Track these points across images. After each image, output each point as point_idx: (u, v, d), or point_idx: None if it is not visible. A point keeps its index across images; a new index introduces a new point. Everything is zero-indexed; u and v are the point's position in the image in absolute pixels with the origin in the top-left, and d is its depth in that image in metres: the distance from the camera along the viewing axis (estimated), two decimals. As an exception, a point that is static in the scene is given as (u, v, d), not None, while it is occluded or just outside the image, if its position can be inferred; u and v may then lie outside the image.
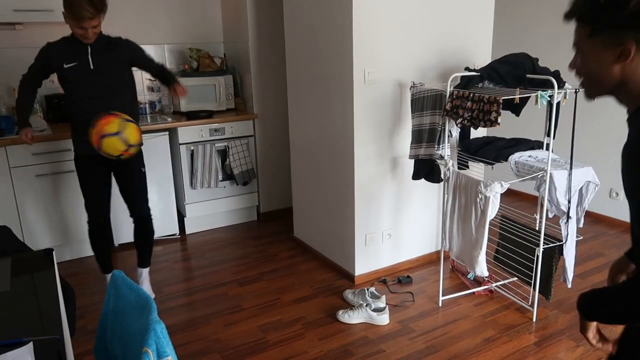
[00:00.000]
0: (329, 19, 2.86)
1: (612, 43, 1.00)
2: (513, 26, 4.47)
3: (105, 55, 2.60)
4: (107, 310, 1.48)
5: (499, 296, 2.89)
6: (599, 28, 1.01)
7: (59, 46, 2.58)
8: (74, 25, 2.45)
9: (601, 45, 1.02)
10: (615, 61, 1.01)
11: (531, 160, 2.52)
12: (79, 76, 2.57)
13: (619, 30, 0.99)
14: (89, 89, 2.59)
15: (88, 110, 2.57)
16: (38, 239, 3.25)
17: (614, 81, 1.04)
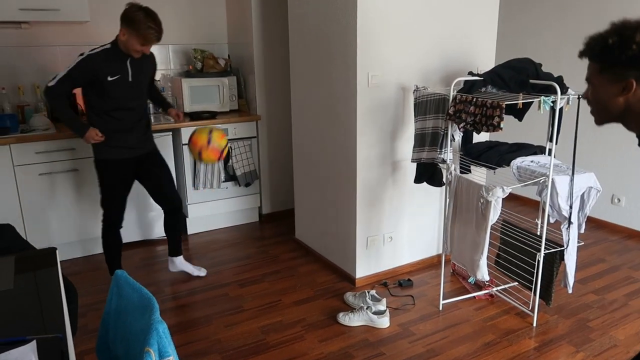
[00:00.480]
0: (334, 22, 2.87)
1: (617, 79, 1.21)
2: (517, 31, 4.48)
3: (140, 67, 2.75)
4: (109, 310, 1.49)
5: (499, 301, 2.89)
6: (607, 66, 1.22)
7: (101, 59, 2.61)
8: (137, 43, 2.58)
9: (608, 80, 1.22)
10: (620, 94, 1.22)
11: (533, 166, 2.52)
12: (120, 88, 2.67)
13: (622, 68, 1.19)
14: (127, 100, 2.73)
15: (124, 119, 2.74)
16: (40, 237, 3.26)
17: (619, 110, 1.25)
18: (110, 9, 3.77)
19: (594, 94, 1.28)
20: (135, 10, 2.57)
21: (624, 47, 1.17)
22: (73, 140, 3.24)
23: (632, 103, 1.21)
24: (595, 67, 1.25)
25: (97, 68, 2.59)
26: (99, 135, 2.70)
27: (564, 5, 4.06)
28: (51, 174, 3.23)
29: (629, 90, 1.20)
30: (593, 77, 1.27)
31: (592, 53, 1.25)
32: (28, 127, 3.27)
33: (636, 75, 1.18)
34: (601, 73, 1.24)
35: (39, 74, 3.63)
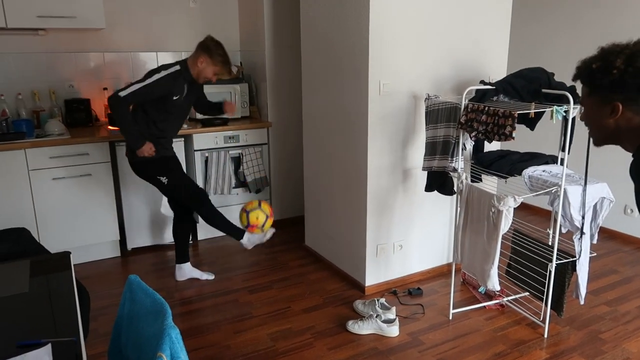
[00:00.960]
0: (346, 30, 2.89)
1: (604, 101, 1.24)
2: (529, 40, 4.47)
3: (193, 91, 3.00)
4: (122, 314, 1.50)
5: (510, 311, 2.87)
6: (593, 89, 1.26)
7: (174, 79, 2.83)
8: (211, 73, 2.89)
9: (597, 103, 1.26)
10: (608, 116, 1.25)
11: (545, 175, 2.51)
12: (177, 108, 2.93)
13: (607, 92, 1.23)
14: (178, 118, 3.01)
15: (171, 130, 3.02)
16: (53, 241, 3.30)
17: (610, 131, 1.28)
18: (125, 16, 3.83)
19: (586, 116, 1.32)
20: (216, 43, 2.89)
21: (606, 72, 1.20)
22: (87, 145, 3.28)
23: (621, 125, 1.24)
24: (585, 90, 1.29)
25: (172, 87, 2.82)
26: (152, 150, 2.90)
27: (576, 14, 4.04)
28: (65, 179, 3.27)
29: (616, 113, 1.22)
30: (584, 100, 1.31)
31: (581, 77, 1.29)
32: (43, 132, 3.32)
33: (621, 99, 1.21)
34: (590, 96, 1.28)
35: (54, 80, 3.69)
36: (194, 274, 3.25)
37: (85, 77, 3.79)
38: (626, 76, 1.18)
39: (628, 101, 1.21)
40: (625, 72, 1.18)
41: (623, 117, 1.23)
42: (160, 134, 2.95)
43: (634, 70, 1.17)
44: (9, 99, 3.51)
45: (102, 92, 3.83)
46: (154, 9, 3.90)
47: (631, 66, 1.17)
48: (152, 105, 2.85)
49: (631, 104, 1.21)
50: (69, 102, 3.65)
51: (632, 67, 1.17)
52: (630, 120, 1.23)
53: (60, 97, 3.70)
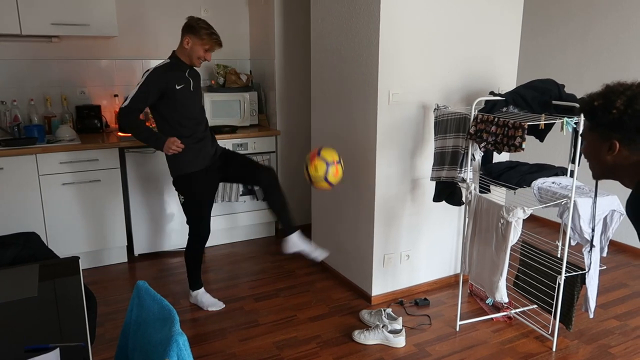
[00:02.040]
0: (356, 40, 2.90)
1: (603, 138, 1.28)
2: (539, 51, 4.47)
3: (196, 79, 2.86)
4: (129, 320, 1.50)
5: (518, 323, 2.84)
6: (594, 126, 1.29)
7: (167, 70, 2.72)
8: (201, 50, 2.72)
9: (597, 139, 1.30)
10: (607, 153, 1.28)
11: (555, 187, 2.49)
12: (187, 97, 2.76)
13: (607, 129, 1.26)
14: (193, 109, 2.81)
15: (195, 128, 2.80)
16: (62, 246, 3.32)
17: (608, 167, 1.31)
18: (138, 24, 3.88)
19: (586, 150, 1.35)
20: (197, 19, 2.74)
21: (606, 110, 1.24)
22: (97, 151, 3.31)
23: (618, 162, 1.28)
24: (587, 125, 1.32)
25: (168, 78, 2.69)
26: (179, 143, 2.70)
27: (586, 25, 4.04)
28: (74, 184, 3.29)
29: (613, 151, 1.26)
30: (585, 133, 1.34)
31: (584, 112, 1.32)
32: (54, 138, 3.35)
33: (619, 138, 1.24)
34: (590, 131, 1.31)
35: (66, 86, 3.73)
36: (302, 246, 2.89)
37: (96, 83, 3.83)
38: (625, 117, 1.21)
39: (626, 140, 1.24)
40: (625, 114, 1.21)
41: (620, 155, 1.26)
42: (188, 132, 2.76)
43: (633, 112, 1.20)
44: (21, 104, 3.55)
45: (113, 98, 3.87)
46: (165, 17, 3.94)
47: (630, 108, 1.21)
48: (163, 106, 2.72)
49: (629, 144, 1.24)
50: (80, 108, 3.69)
51: (631, 109, 1.20)
52: (627, 158, 1.26)
53: (72, 103, 3.74)
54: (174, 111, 2.74)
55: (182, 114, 2.75)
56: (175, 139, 2.69)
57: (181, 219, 3.69)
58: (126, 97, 2.71)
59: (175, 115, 2.74)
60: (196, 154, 2.80)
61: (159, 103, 2.72)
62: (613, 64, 3.87)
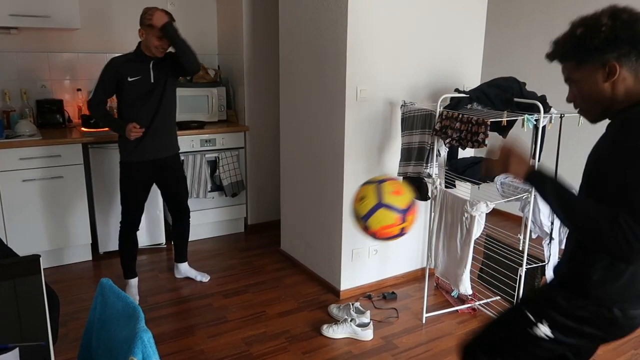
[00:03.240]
0: (324, 36, 2.91)
1: (598, 66, 1.20)
2: (502, 49, 4.58)
3: (162, 67, 2.81)
4: (93, 318, 1.48)
5: (482, 314, 2.92)
6: (583, 57, 1.21)
7: (123, 61, 2.77)
8: (154, 38, 2.68)
9: (590, 71, 1.22)
10: (605, 80, 1.20)
11: (516, 182, 2.57)
12: (139, 89, 2.76)
13: (600, 54, 1.18)
14: (148, 102, 2.79)
15: (144, 118, 2.79)
16: (22, 244, 3.22)
17: (607, 98, 1.22)
18: (102, 17, 3.78)
19: (580, 91, 1.27)
20: (147, 9, 2.71)
21: (594, 32, 1.18)
22: (59, 147, 3.22)
23: (618, 88, 1.21)
24: (572, 64, 1.26)
25: (120, 69, 2.73)
26: (137, 128, 2.74)
27: (548, 24, 4.16)
28: (35, 181, 3.20)
29: (613, 74, 1.20)
30: (573, 75, 1.27)
31: (564, 50, 1.26)
32: (13, 133, 3.24)
33: (615, 57, 1.18)
34: (579, 67, 1.24)
35: (26, 80, 3.61)
36: (189, 274, 3.29)
37: (58, 77, 3.72)
38: (617, 30, 1.16)
39: (623, 58, 1.18)
40: (615, 26, 1.16)
41: (620, 78, 1.20)
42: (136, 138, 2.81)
43: (621, 23, 1.16)
44: (-22, 98, 3.42)
45: (76, 93, 3.77)
46: (130, 10, 3.86)
47: (618, 19, 1.17)
48: (119, 96, 2.81)
49: (626, 61, 1.18)
50: (41, 103, 3.58)
51: (619, 21, 1.16)
52: (625, 81, 1.20)
53: (32, 98, 3.62)
54: (123, 102, 2.81)
55: (132, 106, 2.79)
56: (133, 124, 2.73)
57: (147, 216, 3.63)
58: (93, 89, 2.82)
59: (124, 105, 2.81)
60: (135, 144, 2.82)
61: (118, 93, 2.80)
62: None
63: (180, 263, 3.29)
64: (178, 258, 3.29)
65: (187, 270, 3.29)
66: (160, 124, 2.86)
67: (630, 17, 1.17)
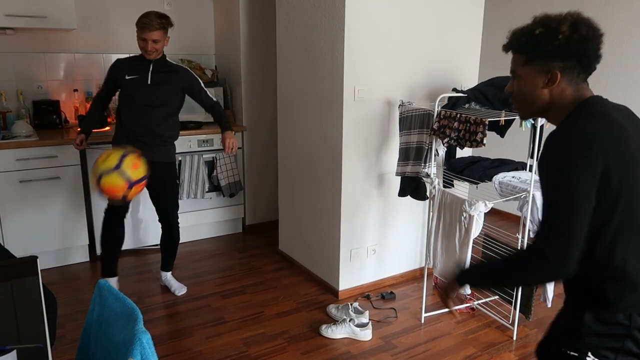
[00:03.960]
0: (321, 36, 2.91)
1: (543, 70, 1.22)
2: (499, 47, 4.57)
3: (165, 75, 2.83)
4: (91, 320, 1.47)
5: (480, 314, 2.92)
6: (533, 57, 1.24)
7: (125, 61, 2.87)
8: (138, 35, 2.72)
9: (534, 72, 1.24)
10: (544, 85, 1.24)
11: (515, 181, 2.57)
12: (136, 88, 2.80)
13: (548, 59, 1.21)
14: (143, 102, 2.80)
15: (136, 119, 2.83)
16: (19, 245, 3.20)
17: (543, 102, 1.26)
18: (98, 17, 3.77)
19: (519, 87, 1.29)
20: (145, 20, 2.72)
21: (550, 37, 1.19)
22: (55, 147, 3.20)
23: (555, 95, 1.24)
24: (521, 59, 1.26)
25: (120, 67, 2.82)
26: (77, 144, 2.90)
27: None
28: (32, 182, 3.18)
29: (553, 82, 1.22)
30: (518, 69, 1.28)
31: (519, 44, 1.27)
32: (9, 134, 3.23)
33: (560, 67, 1.20)
34: (527, 65, 1.25)
35: (22, 81, 3.59)
36: (167, 283, 3.18)
37: (55, 77, 3.71)
38: (572, 42, 1.17)
39: (566, 70, 1.20)
40: (571, 39, 1.17)
41: (558, 87, 1.22)
42: (127, 125, 2.82)
43: (579, 37, 1.17)
44: (-26, 99, 3.40)
45: (73, 93, 3.75)
46: (127, 10, 3.84)
47: (576, 32, 1.17)
48: (120, 94, 2.88)
49: (568, 73, 1.21)
50: (38, 104, 3.56)
51: (577, 34, 1.17)
52: (563, 91, 1.23)
53: (29, 98, 3.61)
54: (121, 100, 2.88)
55: (124, 103, 2.85)
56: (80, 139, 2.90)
57: (145, 216, 3.62)
58: None
59: (121, 104, 2.87)
60: (125, 138, 2.83)
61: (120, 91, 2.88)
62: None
63: (163, 271, 3.20)
64: (162, 266, 3.20)
65: (167, 279, 3.18)
66: (152, 128, 2.82)
67: (587, 32, 1.18)
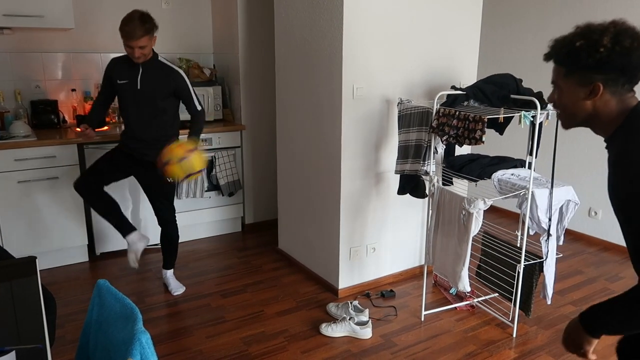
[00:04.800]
0: (320, 34, 2.90)
1: (584, 82, 1.19)
2: (498, 46, 4.58)
3: (154, 78, 2.79)
4: (90, 320, 1.47)
5: (480, 312, 2.93)
6: (573, 69, 1.19)
7: (118, 61, 2.84)
8: (124, 43, 2.67)
9: (574, 84, 1.21)
10: (586, 97, 1.20)
11: (514, 179, 2.57)
12: (127, 93, 2.82)
13: (589, 72, 1.17)
14: (134, 106, 2.82)
15: (131, 123, 2.88)
16: (18, 245, 3.20)
17: (586, 114, 1.22)
18: (96, 16, 3.76)
19: (560, 98, 1.26)
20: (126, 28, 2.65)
21: (591, 50, 1.15)
22: (54, 147, 3.20)
23: (599, 107, 1.20)
24: (561, 71, 1.23)
25: (113, 69, 2.82)
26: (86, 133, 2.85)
27: (543, 21, 4.17)
28: (31, 182, 3.18)
29: (595, 94, 1.18)
30: (559, 80, 1.25)
31: (559, 56, 1.23)
32: (7, 134, 3.22)
33: (603, 79, 1.17)
34: (567, 77, 1.22)
35: (20, 80, 3.58)
36: (166, 282, 3.17)
37: (52, 77, 3.70)
38: (614, 55, 1.13)
39: (609, 82, 1.16)
40: (613, 51, 1.13)
41: (601, 99, 1.18)
42: (125, 128, 2.94)
43: (621, 49, 1.13)
44: (-29, 99, 3.39)
45: (71, 93, 3.75)
46: (124, 9, 3.81)
47: (618, 45, 1.13)
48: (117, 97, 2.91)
49: (611, 85, 1.16)
50: (36, 103, 3.56)
51: (619, 46, 1.13)
52: (607, 103, 1.19)
53: (26, 98, 3.60)
54: (119, 103, 2.92)
55: (123, 107, 2.88)
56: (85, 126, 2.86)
57: (144, 216, 3.62)
58: None
59: (120, 106, 2.92)
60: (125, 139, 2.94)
61: None
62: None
63: (164, 269, 3.19)
64: (163, 264, 3.20)
65: (166, 277, 3.17)
66: (147, 130, 2.85)
67: (631, 44, 1.13)
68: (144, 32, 2.63)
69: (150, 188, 2.99)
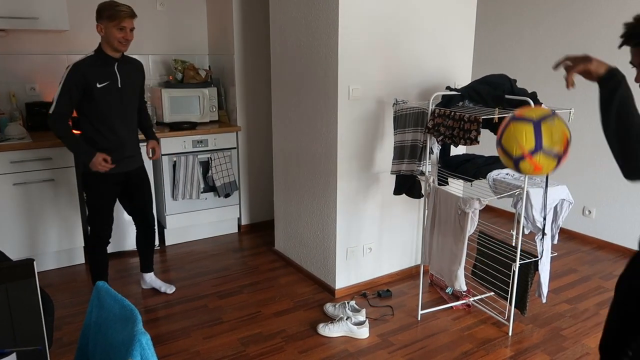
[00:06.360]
0: (315, 35, 2.91)
1: None
2: (492, 46, 4.61)
3: (128, 73, 2.69)
4: (89, 322, 1.47)
5: (476, 310, 2.94)
6: None
7: (87, 64, 2.55)
8: (115, 29, 2.51)
9: None
10: None
11: (509, 178, 2.59)
12: (110, 96, 2.60)
13: None
14: (119, 108, 2.65)
15: (117, 129, 2.67)
16: (14, 248, 3.19)
17: None
18: (90, 18, 3.74)
19: None
20: (103, 3, 2.56)
21: None
22: (49, 149, 3.19)
23: None
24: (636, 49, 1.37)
25: (87, 73, 2.52)
26: (108, 162, 2.60)
27: (537, 22, 4.20)
28: (26, 184, 3.17)
29: None
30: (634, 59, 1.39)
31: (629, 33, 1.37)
32: (3, 136, 3.21)
33: None
34: None
35: (15, 83, 3.57)
36: (154, 284, 3.14)
37: (48, 79, 3.69)
38: None
39: None
40: None
41: None
42: (105, 143, 2.64)
43: None
44: (-34, 101, 3.38)
45: (66, 95, 3.73)
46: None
47: None
48: (85, 107, 2.58)
49: None
50: (31, 105, 3.54)
51: None
52: None
53: (21, 100, 3.59)
54: (92, 111, 2.59)
55: (101, 114, 2.60)
56: (104, 156, 2.58)
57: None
58: (52, 100, 2.54)
59: (93, 114, 2.59)
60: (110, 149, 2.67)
61: (82, 105, 2.58)
62: (561, 59, 4.03)
63: (146, 273, 3.13)
64: (143, 268, 3.12)
65: (152, 280, 3.13)
66: (129, 134, 2.75)
67: None
68: (133, 12, 2.54)
69: (140, 189, 2.90)
